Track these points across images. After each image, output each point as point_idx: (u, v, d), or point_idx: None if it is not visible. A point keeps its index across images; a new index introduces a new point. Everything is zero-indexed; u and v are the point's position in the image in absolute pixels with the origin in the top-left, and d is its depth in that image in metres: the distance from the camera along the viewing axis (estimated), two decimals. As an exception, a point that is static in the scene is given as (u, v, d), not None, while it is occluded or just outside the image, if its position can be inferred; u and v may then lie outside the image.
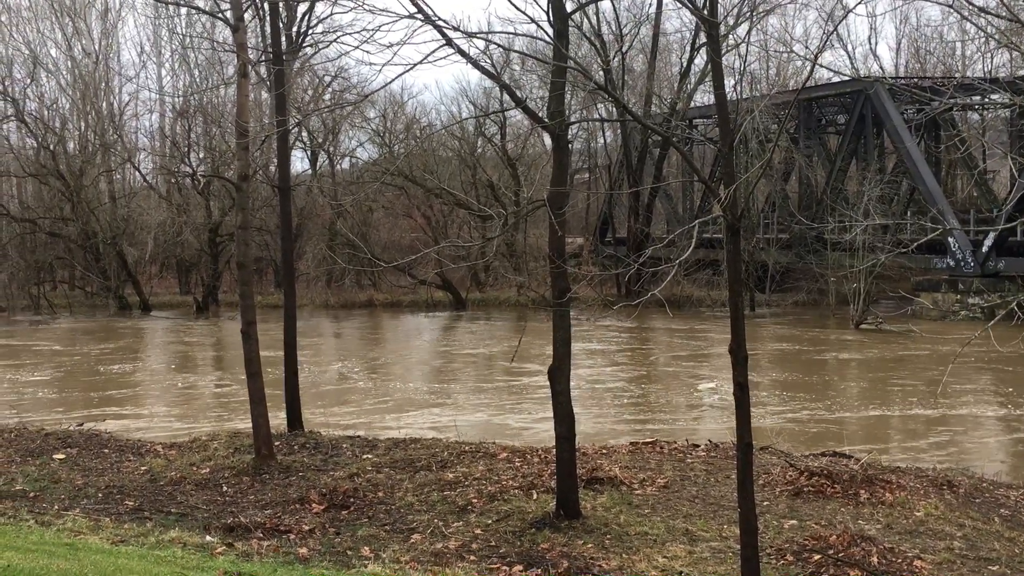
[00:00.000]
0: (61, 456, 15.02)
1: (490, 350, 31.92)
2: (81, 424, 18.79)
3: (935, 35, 55.40)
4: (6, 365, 28.99)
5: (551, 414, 11.32)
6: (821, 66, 8.54)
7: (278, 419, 16.03)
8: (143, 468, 14.21)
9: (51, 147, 47.80)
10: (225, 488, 13.02)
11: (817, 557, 9.43)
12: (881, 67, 56.84)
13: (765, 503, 11.32)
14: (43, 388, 24.45)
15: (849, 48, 60.81)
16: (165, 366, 29.36)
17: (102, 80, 52.56)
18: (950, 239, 36.31)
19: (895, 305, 36.82)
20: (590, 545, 10.07)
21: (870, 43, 68.47)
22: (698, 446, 15.12)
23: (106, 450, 15.62)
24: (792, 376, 24.62)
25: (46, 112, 50.89)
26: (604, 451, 14.62)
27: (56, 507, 11.96)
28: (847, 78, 41.86)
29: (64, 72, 52.66)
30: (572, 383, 11.28)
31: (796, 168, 46.62)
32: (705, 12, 7.82)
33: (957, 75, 45.71)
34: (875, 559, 9.25)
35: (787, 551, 9.74)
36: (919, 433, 18.06)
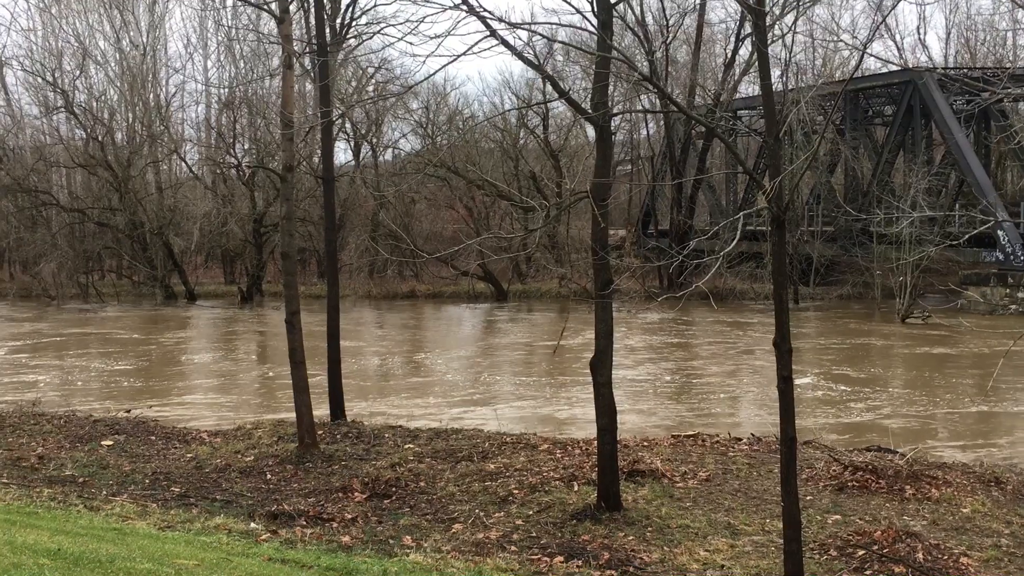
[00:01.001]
0: (109, 442, 15.27)
1: (531, 341, 31.93)
2: (128, 411, 19.09)
3: (986, 24, 54.42)
4: (57, 352, 29.52)
5: (592, 406, 11.31)
6: (870, 55, 8.42)
7: (321, 408, 16.17)
8: (189, 455, 14.41)
9: (99, 138, 48.52)
10: (269, 476, 13.16)
11: (861, 552, 9.34)
12: (930, 57, 56.01)
13: (808, 498, 11.23)
14: (91, 374, 24.85)
15: (897, 38, 60.00)
16: (210, 355, 29.72)
17: (149, 72, 53.21)
18: (999, 232, 35.70)
19: (942, 299, 36.29)
20: (631, 537, 10.06)
21: (919, 33, 67.28)
22: (740, 439, 15.03)
23: (153, 437, 15.86)
24: (836, 370, 24.37)
25: (95, 103, 51.64)
26: (645, 443, 14.58)
27: (104, 492, 12.16)
28: (895, 68, 41.25)
29: (112, 64, 53.41)
30: (614, 375, 11.26)
31: (842, 160, 46.05)
32: (752, 1, 7.75)
33: (1008, 65, 44.90)
34: (920, 555, 9.15)
35: (830, 546, 9.66)
36: (966, 429, 17.80)
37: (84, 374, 25.06)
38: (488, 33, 9.22)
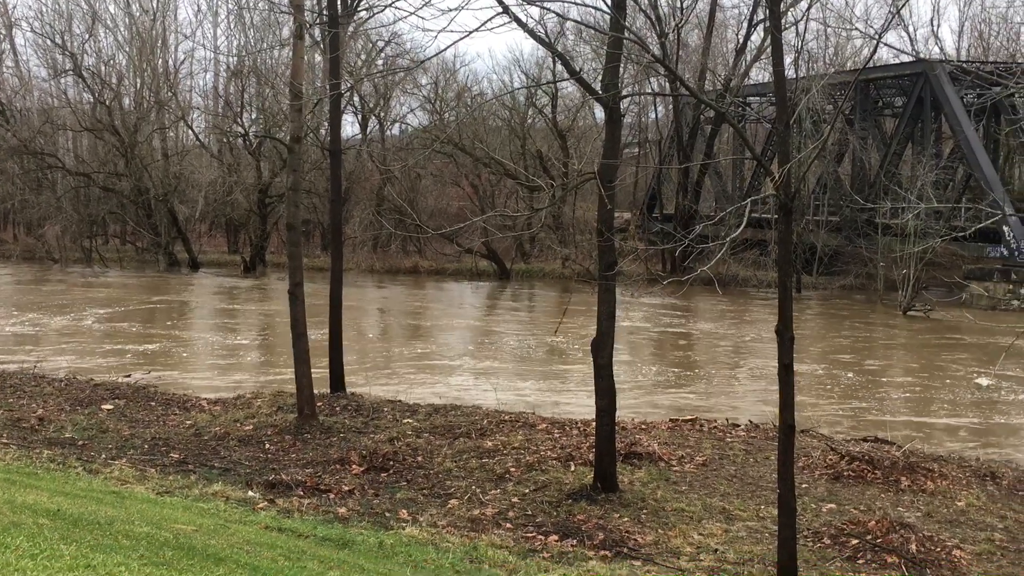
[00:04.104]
0: (109, 407, 15.33)
1: (533, 321, 31.97)
2: (128, 376, 19.16)
3: (1000, 18, 54.04)
4: (54, 311, 29.57)
5: (592, 387, 11.34)
6: (884, 44, 8.37)
7: (321, 380, 16.21)
8: (188, 422, 14.47)
9: (107, 102, 48.40)
10: (267, 445, 13.23)
11: (855, 542, 9.40)
12: (942, 49, 55.74)
13: (804, 486, 11.28)
14: (88, 338, 24.92)
15: (910, 29, 59.57)
16: (211, 323, 29.78)
17: (159, 38, 53.00)
18: (1005, 227, 35.63)
19: (945, 293, 36.28)
20: (626, 519, 10.11)
21: (932, 25, 67.01)
22: (738, 426, 15.09)
23: (153, 403, 15.92)
24: (836, 360, 24.40)
25: (103, 67, 51.48)
26: (643, 427, 14.64)
27: (103, 456, 12.23)
28: (908, 59, 41.04)
29: (122, 28, 53.22)
30: (614, 358, 11.28)
31: (850, 150, 45.90)
32: (767, -13, 7.71)
33: (1020, 59, 44.68)
34: (914, 547, 9.20)
35: (824, 534, 9.71)
36: (964, 423, 17.84)
37: (81, 337, 25.12)
38: (501, 9, 9.21)
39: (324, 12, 17.53)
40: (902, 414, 18.25)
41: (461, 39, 18.22)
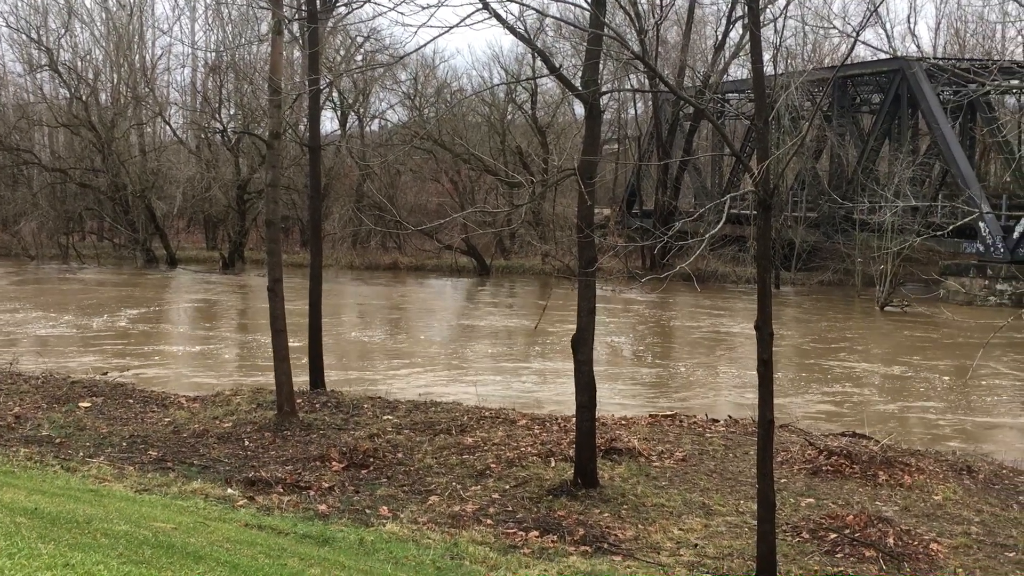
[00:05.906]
0: (87, 404, 15.23)
1: (513, 317, 31.97)
2: (106, 373, 19.04)
3: (976, 16, 54.45)
4: (34, 309, 29.34)
5: (572, 383, 11.36)
6: (862, 42, 8.43)
7: (301, 377, 16.16)
8: (167, 419, 14.39)
9: (84, 98, 48.00)
10: (247, 443, 13.18)
11: (833, 536, 9.46)
12: (919, 46, 55.98)
13: (783, 480, 11.34)
14: (68, 335, 24.73)
15: (887, 26, 59.85)
16: (190, 320, 29.62)
17: (135, 33, 52.60)
18: (981, 224, 35.88)
19: (922, 288, 36.53)
20: (606, 514, 10.14)
21: (909, 22, 67.25)
22: (717, 421, 15.15)
23: (130, 400, 15.82)
24: (815, 355, 24.54)
25: (79, 63, 51.04)
26: (623, 422, 14.67)
27: (81, 454, 12.16)
28: (886, 57, 41.27)
29: (98, 23, 52.77)
30: (594, 354, 11.31)
31: (828, 146, 46.14)
32: (746, -16, 7.74)
33: (996, 57, 44.99)
34: (891, 540, 9.27)
35: (803, 528, 9.77)
36: (940, 417, 17.98)
37: (60, 335, 24.92)
38: (480, 5, 9.19)
39: (303, 7, 17.44)
40: (880, 409, 18.38)
41: (441, 35, 18.21)
